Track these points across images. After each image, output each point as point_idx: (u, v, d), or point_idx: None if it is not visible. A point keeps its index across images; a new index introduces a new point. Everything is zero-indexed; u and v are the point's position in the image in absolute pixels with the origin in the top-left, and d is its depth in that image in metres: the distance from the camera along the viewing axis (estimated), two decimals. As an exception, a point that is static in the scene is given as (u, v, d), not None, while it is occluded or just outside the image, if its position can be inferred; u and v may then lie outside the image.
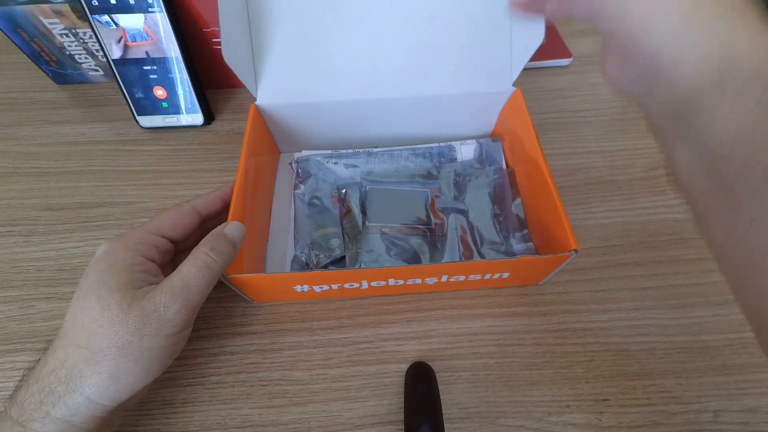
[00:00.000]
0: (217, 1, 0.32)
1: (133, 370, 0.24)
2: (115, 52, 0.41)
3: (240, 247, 0.28)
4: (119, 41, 0.41)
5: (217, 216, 0.32)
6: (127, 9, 0.39)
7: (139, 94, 0.44)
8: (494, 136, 0.44)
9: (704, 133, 0.17)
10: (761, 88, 0.15)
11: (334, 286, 0.32)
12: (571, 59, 0.51)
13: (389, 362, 0.32)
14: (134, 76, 0.43)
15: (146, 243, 0.27)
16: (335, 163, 0.41)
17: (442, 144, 0.43)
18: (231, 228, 0.28)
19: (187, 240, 0.30)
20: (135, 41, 0.41)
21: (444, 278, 0.32)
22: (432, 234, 0.37)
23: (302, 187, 0.40)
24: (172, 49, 0.41)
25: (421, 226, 0.37)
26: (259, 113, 0.38)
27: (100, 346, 0.23)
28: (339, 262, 0.36)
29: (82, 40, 0.45)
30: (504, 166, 0.42)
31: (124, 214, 0.40)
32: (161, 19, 0.40)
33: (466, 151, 0.43)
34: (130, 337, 0.23)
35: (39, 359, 0.25)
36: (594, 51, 0.53)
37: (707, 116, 0.17)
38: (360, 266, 0.35)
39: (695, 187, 0.19)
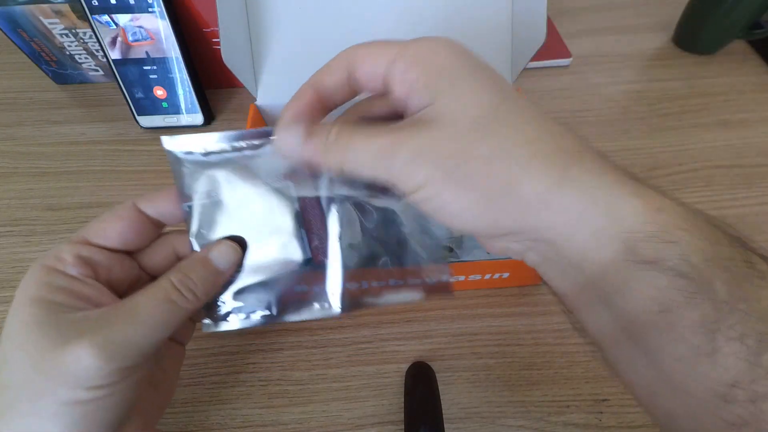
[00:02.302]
0: (216, 1, 0.32)
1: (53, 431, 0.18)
2: (115, 52, 0.41)
3: (229, 276, 0.22)
4: (116, 41, 0.41)
5: (174, 218, 0.23)
6: (127, 9, 0.39)
7: (139, 94, 0.44)
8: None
9: (619, 307, 0.16)
10: (674, 259, 0.15)
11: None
12: (571, 59, 0.51)
13: (389, 362, 0.32)
14: (134, 76, 0.43)
15: (68, 257, 0.20)
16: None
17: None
18: (219, 252, 0.21)
19: (148, 249, 0.23)
20: (137, 41, 0.41)
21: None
22: None
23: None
24: (172, 49, 0.41)
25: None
26: (259, 113, 0.38)
27: (9, 399, 0.18)
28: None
29: (82, 40, 0.45)
30: None
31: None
32: (161, 19, 0.40)
33: None
34: (42, 386, 0.17)
35: None
36: (594, 51, 0.53)
37: (620, 294, 0.16)
38: None
39: (607, 339, 0.18)
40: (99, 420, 0.18)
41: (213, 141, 0.21)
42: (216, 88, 0.49)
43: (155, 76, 0.43)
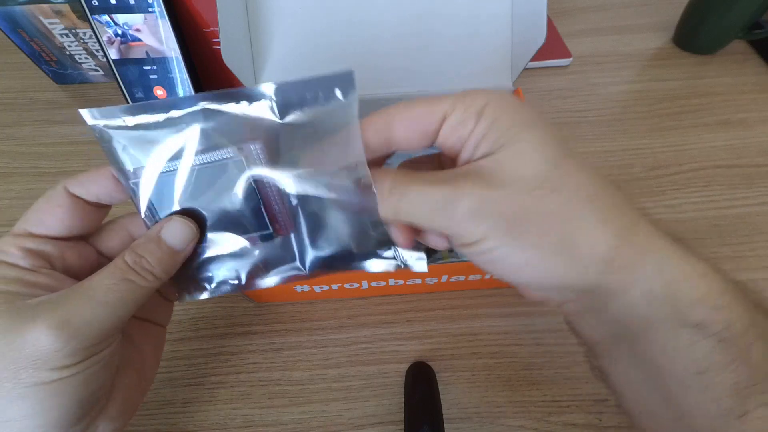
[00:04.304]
0: (216, 1, 0.32)
1: (19, 414, 0.17)
2: (115, 52, 0.41)
3: (189, 252, 0.21)
4: (112, 43, 0.41)
5: (111, 199, 0.22)
6: (127, 9, 0.39)
7: (139, 94, 0.44)
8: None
9: (656, 364, 0.17)
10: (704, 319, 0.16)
11: (334, 286, 0.32)
12: (571, 59, 0.51)
13: (389, 362, 0.32)
14: (134, 76, 0.43)
15: (14, 250, 0.20)
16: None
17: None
18: (171, 230, 0.20)
19: (103, 234, 0.23)
20: (130, 41, 0.41)
21: (444, 278, 0.32)
22: None
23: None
24: (172, 49, 0.41)
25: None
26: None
27: None
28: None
29: (82, 40, 0.45)
30: None
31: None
32: (161, 19, 0.40)
33: None
34: (2, 371, 0.17)
35: None
36: (594, 51, 0.53)
37: (660, 353, 0.17)
38: None
39: (635, 392, 0.19)
40: (67, 400, 0.18)
41: (140, 112, 0.19)
42: (216, 88, 0.49)
43: (155, 76, 0.43)
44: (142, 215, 0.21)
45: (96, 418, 0.20)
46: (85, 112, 0.19)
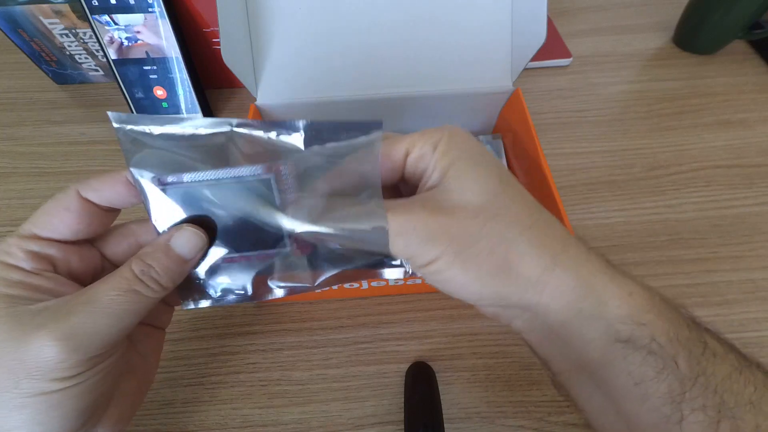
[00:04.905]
0: (216, 1, 0.32)
1: (18, 423, 0.17)
2: (115, 52, 0.41)
3: (197, 262, 0.21)
4: (112, 43, 0.41)
5: (123, 203, 0.22)
6: (127, 9, 0.39)
7: (139, 94, 0.44)
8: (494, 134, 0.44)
9: (601, 379, 0.19)
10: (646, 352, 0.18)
11: (334, 286, 0.32)
12: (571, 59, 0.51)
13: (389, 362, 0.32)
14: (134, 76, 0.43)
15: (18, 252, 0.19)
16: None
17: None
18: (181, 238, 0.20)
19: (110, 239, 0.23)
20: (130, 43, 0.41)
21: (444, 278, 0.32)
22: None
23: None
24: (172, 49, 0.41)
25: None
26: (259, 113, 0.38)
27: None
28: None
29: (82, 40, 0.45)
30: (504, 163, 0.42)
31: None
32: (161, 19, 0.40)
33: None
34: (3, 379, 0.17)
35: None
36: (594, 51, 0.53)
37: (603, 368, 0.19)
38: None
39: (592, 410, 0.21)
40: (68, 410, 0.18)
41: (168, 123, 0.19)
42: (216, 88, 0.49)
43: (155, 76, 0.43)
44: (154, 221, 0.21)
45: (96, 424, 0.20)
46: (112, 115, 0.19)
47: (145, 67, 0.42)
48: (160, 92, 0.44)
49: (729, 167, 0.42)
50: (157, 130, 0.20)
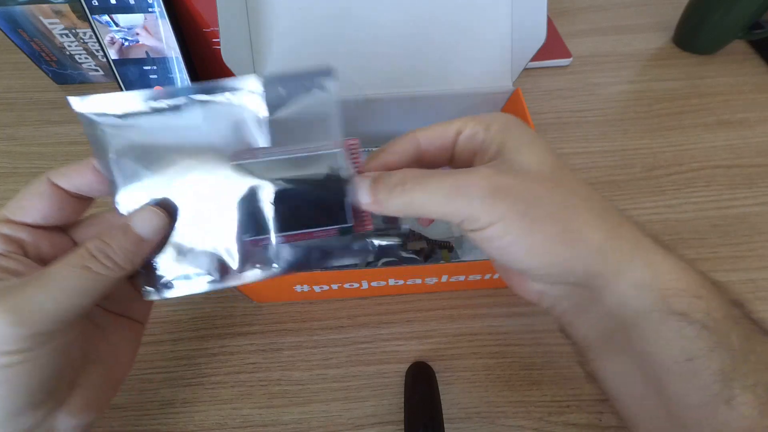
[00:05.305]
0: (216, 1, 0.32)
1: None
2: (115, 52, 0.41)
3: (157, 241, 0.21)
4: (111, 44, 0.41)
5: (94, 191, 0.22)
6: (127, 9, 0.39)
7: (139, 94, 0.44)
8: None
9: (646, 354, 0.18)
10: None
11: (334, 286, 0.32)
12: (571, 59, 0.51)
13: (389, 362, 0.32)
14: (134, 76, 0.43)
15: None
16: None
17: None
18: (140, 218, 0.20)
19: (83, 226, 0.23)
20: (130, 43, 0.41)
21: (444, 278, 0.32)
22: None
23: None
24: (172, 49, 0.41)
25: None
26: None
27: None
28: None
29: (82, 40, 0.45)
30: None
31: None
32: (161, 19, 0.40)
33: None
34: None
35: None
36: (594, 51, 0.53)
37: (650, 342, 0.18)
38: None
39: (626, 388, 0.20)
40: (18, 387, 0.18)
41: (130, 101, 0.19)
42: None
43: (155, 76, 0.43)
44: (117, 204, 0.21)
45: (54, 410, 0.20)
46: (75, 100, 0.19)
47: (145, 67, 0.42)
48: (160, 92, 0.44)
49: (729, 167, 0.42)
50: (120, 108, 0.20)
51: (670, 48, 0.53)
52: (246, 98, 0.20)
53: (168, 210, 0.21)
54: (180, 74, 0.43)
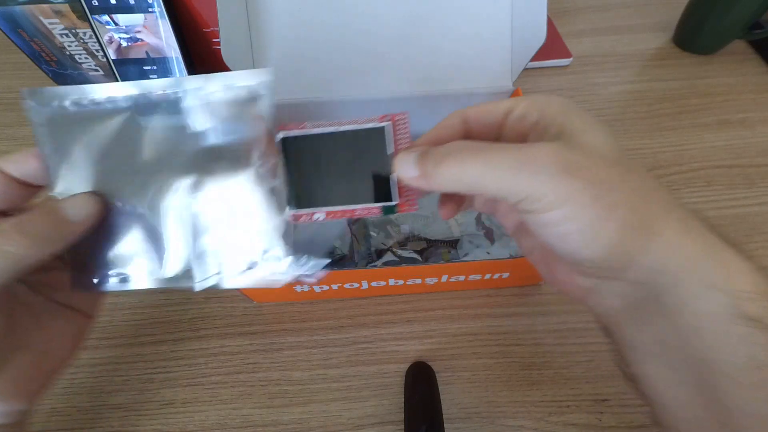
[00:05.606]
0: (216, 1, 0.32)
1: None
2: (115, 52, 0.41)
3: (89, 225, 0.21)
4: (110, 43, 0.41)
5: (38, 179, 0.22)
6: (127, 9, 0.39)
7: (139, 94, 0.44)
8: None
9: (707, 362, 0.16)
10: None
11: (334, 286, 0.32)
12: (571, 59, 0.51)
13: (389, 362, 0.32)
14: (134, 76, 0.43)
15: None
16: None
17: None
18: (72, 201, 0.20)
19: (19, 210, 0.23)
20: (129, 43, 0.41)
21: (444, 278, 0.32)
22: None
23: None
24: (172, 49, 0.41)
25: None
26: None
27: None
28: (339, 262, 0.36)
29: (82, 40, 0.45)
30: None
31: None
32: (161, 19, 0.40)
33: None
34: None
35: None
36: (594, 51, 0.53)
37: (713, 349, 0.16)
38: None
39: (679, 399, 0.18)
40: None
41: (78, 93, 0.20)
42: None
43: (155, 76, 0.43)
44: (52, 192, 0.21)
45: None
46: (27, 92, 0.20)
47: (145, 67, 0.42)
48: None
49: (729, 167, 0.42)
50: (65, 100, 0.20)
51: (670, 48, 0.53)
52: (191, 100, 0.20)
53: (103, 201, 0.21)
54: (180, 74, 0.43)
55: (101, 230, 0.21)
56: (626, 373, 0.20)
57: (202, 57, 0.45)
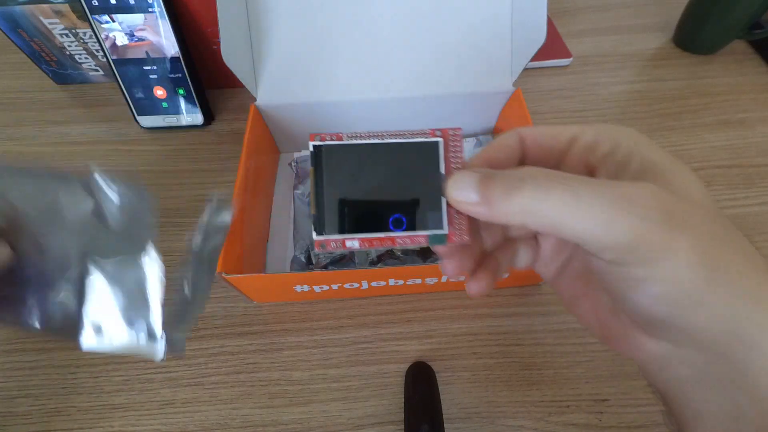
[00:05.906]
0: (216, 1, 0.32)
1: None
2: (115, 52, 0.41)
3: None
4: (110, 43, 0.41)
5: None
6: (127, 9, 0.39)
7: (139, 94, 0.44)
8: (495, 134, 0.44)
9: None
10: None
11: (334, 286, 0.32)
12: (571, 59, 0.51)
13: (389, 362, 0.32)
14: (134, 76, 0.43)
15: None
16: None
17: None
18: None
19: None
20: (130, 43, 0.41)
21: (444, 278, 0.32)
22: None
23: (301, 187, 0.40)
24: (172, 49, 0.41)
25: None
26: (259, 113, 0.38)
27: None
28: (339, 262, 0.36)
29: (82, 40, 0.45)
30: None
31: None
32: (161, 19, 0.40)
33: (465, 147, 0.43)
34: None
35: None
36: (594, 51, 0.53)
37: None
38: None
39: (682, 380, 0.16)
40: None
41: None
42: (216, 88, 0.49)
43: (155, 76, 0.43)
44: None
45: None
46: None
47: (145, 67, 0.42)
48: (160, 92, 0.44)
49: (729, 167, 0.42)
50: None
51: (670, 48, 0.53)
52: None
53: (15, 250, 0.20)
54: (180, 74, 0.43)
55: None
56: None
57: (202, 57, 0.45)
